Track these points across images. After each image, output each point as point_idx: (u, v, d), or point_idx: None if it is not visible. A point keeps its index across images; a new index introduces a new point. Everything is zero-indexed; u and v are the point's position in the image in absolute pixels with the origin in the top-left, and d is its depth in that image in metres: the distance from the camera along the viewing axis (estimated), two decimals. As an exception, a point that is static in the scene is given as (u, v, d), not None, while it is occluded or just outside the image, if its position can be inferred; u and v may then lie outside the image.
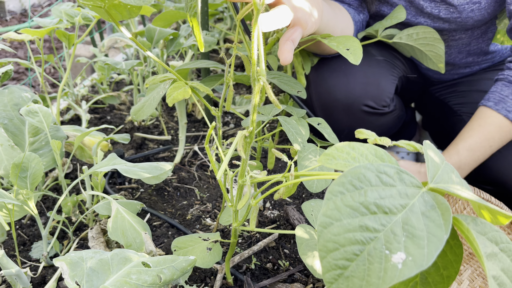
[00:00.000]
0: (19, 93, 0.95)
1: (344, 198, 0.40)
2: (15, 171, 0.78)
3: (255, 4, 0.49)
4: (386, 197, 0.40)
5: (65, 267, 0.58)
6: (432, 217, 0.40)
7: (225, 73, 0.74)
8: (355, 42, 0.81)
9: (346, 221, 0.39)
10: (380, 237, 0.38)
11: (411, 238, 0.38)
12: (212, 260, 0.76)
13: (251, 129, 0.61)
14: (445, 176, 0.46)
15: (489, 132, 0.97)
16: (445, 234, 0.38)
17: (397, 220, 0.39)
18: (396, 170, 0.43)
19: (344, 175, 0.41)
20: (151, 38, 1.21)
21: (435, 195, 0.42)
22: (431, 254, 0.36)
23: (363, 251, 0.38)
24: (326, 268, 0.38)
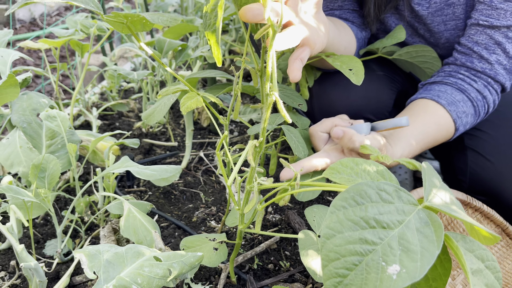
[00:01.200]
0: (37, 99, 1.01)
1: (347, 212, 0.44)
2: (34, 171, 0.83)
3: (272, 26, 0.55)
4: (385, 213, 0.44)
5: (84, 259, 0.63)
6: (426, 233, 0.43)
7: (234, 85, 0.79)
8: (358, 63, 0.86)
9: (347, 234, 0.43)
10: (378, 250, 0.42)
11: (406, 252, 0.41)
12: (218, 259, 0.81)
13: (261, 139, 0.66)
14: (440, 195, 0.51)
15: (440, 134, 0.97)
16: (437, 250, 0.41)
17: (394, 234, 0.43)
18: (394, 188, 0.46)
19: (347, 191, 0.45)
20: (161, 49, 1.27)
21: (430, 213, 0.45)
22: (424, 267, 0.40)
23: (362, 262, 0.42)
24: (327, 276, 0.42)
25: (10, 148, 0.91)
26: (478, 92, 0.98)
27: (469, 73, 1.00)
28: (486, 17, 0.95)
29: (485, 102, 0.99)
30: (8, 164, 0.89)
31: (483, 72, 0.98)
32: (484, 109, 1.00)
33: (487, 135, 1.10)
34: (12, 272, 0.91)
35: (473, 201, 1.02)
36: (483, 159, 1.10)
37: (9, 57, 1.07)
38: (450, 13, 1.04)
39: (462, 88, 0.98)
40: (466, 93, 0.98)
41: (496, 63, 0.97)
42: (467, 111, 0.98)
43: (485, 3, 0.95)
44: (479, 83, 0.98)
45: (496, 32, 0.95)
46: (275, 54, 0.56)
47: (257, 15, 0.61)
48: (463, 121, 0.98)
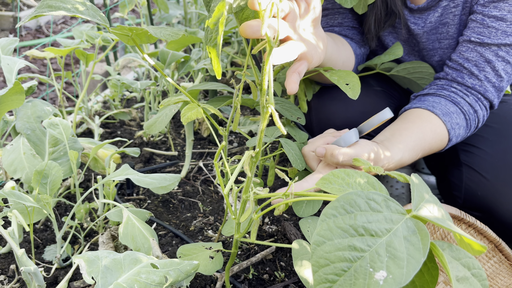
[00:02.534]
0: (41, 106, 1.03)
1: (336, 221, 0.46)
2: (37, 177, 0.85)
3: (269, 42, 0.57)
4: (374, 221, 0.46)
5: (83, 264, 0.65)
6: (413, 241, 0.45)
7: (234, 97, 0.81)
8: (355, 78, 0.89)
9: (337, 241, 0.45)
10: (366, 257, 0.43)
11: (393, 258, 0.43)
12: (213, 268, 0.83)
13: (257, 150, 0.68)
14: (428, 205, 0.52)
15: (436, 141, 0.98)
16: (422, 257, 0.43)
17: (381, 242, 0.44)
18: (383, 198, 0.49)
19: (337, 200, 0.47)
20: (164, 60, 1.30)
21: (417, 222, 0.47)
22: (409, 273, 0.42)
23: (351, 268, 0.43)
24: (317, 281, 0.44)
25: (14, 154, 0.93)
26: (470, 106, 1.00)
27: (461, 87, 1.02)
28: (478, 35, 0.98)
29: (476, 116, 1.02)
30: (11, 170, 0.91)
31: (473, 88, 1.00)
32: (475, 123, 1.03)
33: (482, 151, 1.12)
34: (11, 276, 0.92)
35: (467, 216, 1.03)
36: (478, 176, 1.11)
37: (15, 65, 1.10)
38: (444, 32, 1.07)
39: (455, 100, 1.00)
40: (459, 105, 1.00)
41: (486, 80, 0.99)
42: (460, 123, 1.00)
43: (477, 21, 0.98)
44: (471, 97, 1.01)
45: (486, 50, 0.97)
46: (272, 68, 0.58)
47: (256, 32, 0.64)
48: (456, 132, 1.00)
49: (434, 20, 1.06)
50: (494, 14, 0.95)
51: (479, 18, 0.97)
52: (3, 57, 1.10)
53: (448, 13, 1.04)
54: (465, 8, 1.02)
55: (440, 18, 1.05)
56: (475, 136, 1.12)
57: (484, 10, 0.96)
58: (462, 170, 1.14)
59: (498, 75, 0.98)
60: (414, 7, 1.06)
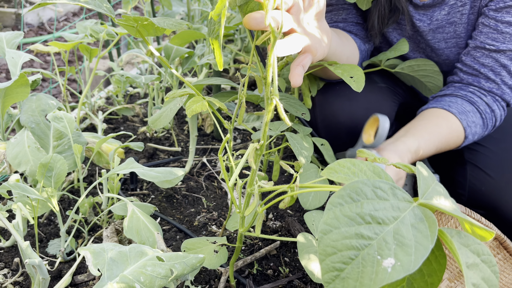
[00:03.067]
0: (46, 100, 1.03)
1: (343, 209, 0.46)
2: (41, 170, 0.85)
3: (273, 32, 0.57)
4: (380, 209, 0.46)
5: (89, 256, 0.65)
6: (420, 228, 0.44)
7: (239, 91, 0.81)
8: (359, 71, 0.88)
9: (344, 229, 0.44)
10: (373, 244, 0.43)
11: (401, 246, 0.43)
12: (218, 262, 0.82)
13: (262, 142, 0.68)
14: (435, 193, 0.52)
15: (452, 136, 1.00)
16: (430, 244, 0.43)
17: (389, 230, 0.44)
18: (390, 186, 0.48)
19: (344, 188, 0.47)
20: (168, 56, 1.30)
21: (424, 210, 0.47)
22: (417, 260, 0.41)
23: (358, 256, 0.43)
24: (325, 270, 0.43)
25: (18, 147, 0.93)
26: (487, 105, 1.02)
27: (478, 89, 1.04)
28: (492, 41, 0.98)
29: (493, 115, 1.03)
30: (16, 163, 0.91)
31: (490, 91, 1.02)
32: (492, 122, 1.04)
33: (487, 149, 1.12)
34: (14, 270, 0.92)
35: (472, 213, 1.03)
36: (482, 174, 1.11)
37: (19, 58, 1.09)
38: (451, 31, 1.06)
39: (472, 100, 1.02)
40: (475, 105, 1.02)
41: (502, 83, 1.01)
42: (476, 122, 1.01)
43: (490, 26, 0.98)
44: (488, 97, 1.02)
45: (501, 55, 0.99)
46: (276, 59, 0.58)
47: (259, 23, 0.64)
48: (472, 130, 1.01)
49: (440, 18, 1.06)
50: (507, 19, 0.96)
51: (492, 24, 0.98)
52: (8, 51, 1.09)
53: (456, 11, 1.04)
54: (474, 7, 1.02)
55: (447, 16, 1.05)
56: (479, 135, 1.12)
57: (497, 15, 0.97)
58: (467, 168, 1.14)
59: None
60: (419, 3, 1.06)
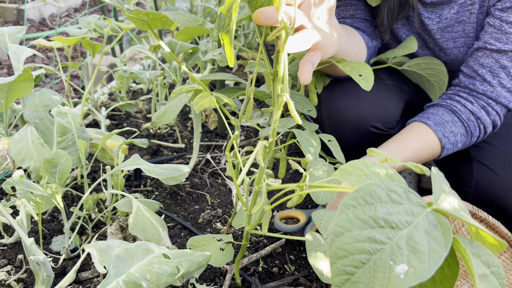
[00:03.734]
0: (49, 96, 1.02)
1: (356, 211, 0.44)
2: (46, 166, 0.84)
3: (285, 28, 0.56)
4: (394, 213, 0.45)
5: (94, 253, 0.64)
6: (434, 235, 0.44)
7: (247, 87, 0.80)
8: (368, 69, 0.87)
9: (356, 232, 0.43)
10: (386, 249, 0.42)
11: (414, 252, 0.42)
12: (224, 259, 0.81)
13: (271, 140, 0.67)
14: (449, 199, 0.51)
15: (424, 149, 1.02)
16: (444, 252, 0.42)
17: (402, 235, 0.43)
18: (404, 189, 0.47)
19: (357, 190, 0.46)
20: (172, 51, 1.28)
21: (438, 216, 0.46)
22: (431, 268, 0.40)
23: (370, 260, 0.42)
24: (335, 273, 0.42)
25: (22, 143, 0.92)
26: (471, 113, 1.02)
27: (468, 94, 1.03)
28: (495, 41, 0.97)
29: (480, 122, 1.03)
30: (19, 159, 0.90)
31: (484, 94, 1.01)
32: (477, 130, 1.04)
33: (493, 147, 1.11)
34: (18, 267, 0.91)
35: (479, 211, 1.02)
36: (489, 171, 1.11)
37: (22, 53, 1.08)
38: (460, 30, 1.05)
39: (454, 109, 1.03)
40: (457, 114, 1.02)
41: (499, 85, 0.99)
42: (456, 131, 1.02)
43: (495, 26, 0.97)
44: (475, 104, 1.02)
45: (503, 56, 0.98)
46: (287, 56, 0.57)
47: (270, 18, 0.63)
48: (451, 140, 1.02)
49: (449, 17, 1.04)
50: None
51: (497, 24, 0.96)
52: (11, 45, 1.08)
53: (465, 10, 1.02)
54: (482, 7, 1.01)
55: (457, 15, 1.04)
56: (486, 132, 1.12)
57: (502, 15, 0.95)
58: (473, 165, 1.13)
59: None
60: (428, 1, 1.05)
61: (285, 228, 1.00)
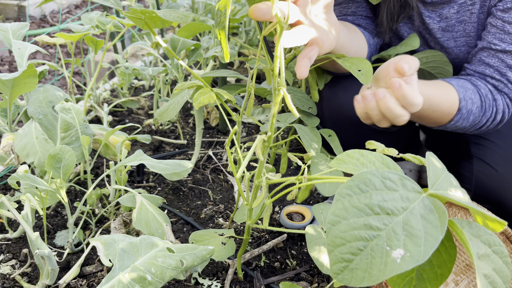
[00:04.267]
0: (53, 92, 1.03)
1: (351, 200, 0.45)
2: (50, 161, 0.85)
3: (280, 22, 0.57)
4: (389, 200, 0.45)
5: (100, 246, 0.65)
6: (430, 219, 0.44)
7: (247, 83, 0.81)
8: (367, 64, 0.88)
9: (352, 220, 0.44)
10: (382, 235, 0.43)
11: (410, 237, 0.43)
12: (226, 253, 0.82)
13: (269, 134, 0.68)
14: (445, 184, 0.52)
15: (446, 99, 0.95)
16: (440, 235, 0.42)
17: (398, 220, 0.44)
18: (399, 176, 0.48)
19: (352, 179, 0.46)
20: (174, 48, 1.29)
21: (434, 200, 0.46)
22: (427, 251, 0.41)
23: (367, 247, 0.43)
24: (333, 261, 0.43)
25: (26, 138, 0.93)
26: (490, 92, 1.00)
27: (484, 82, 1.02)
28: (499, 41, 0.98)
29: (495, 104, 1.00)
30: (24, 154, 0.91)
31: (497, 87, 1.01)
32: (491, 110, 1.00)
33: (494, 144, 1.12)
34: (22, 261, 0.92)
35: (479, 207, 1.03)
36: (489, 168, 1.11)
37: (26, 50, 1.09)
38: (461, 30, 1.06)
39: (475, 83, 1.00)
40: (477, 87, 0.99)
41: (509, 83, 1.00)
42: (474, 100, 0.98)
43: (497, 27, 0.97)
44: (492, 88, 1.00)
45: (508, 56, 0.98)
46: (283, 51, 0.58)
47: (265, 14, 0.64)
48: (468, 106, 0.97)
49: (450, 16, 1.05)
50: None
51: (500, 24, 0.97)
52: (14, 42, 1.09)
53: (465, 10, 1.03)
54: (483, 7, 1.01)
55: (457, 15, 1.04)
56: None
57: (504, 16, 0.96)
58: (473, 162, 1.14)
59: None
60: (428, 0, 1.05)
61: (291, 225, 1.01)
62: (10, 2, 3.49)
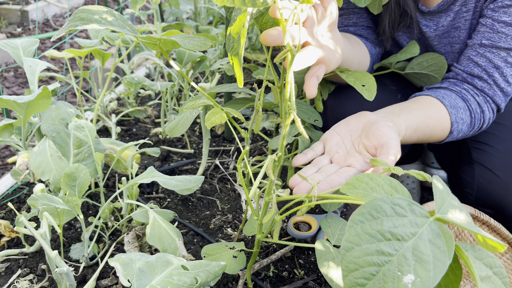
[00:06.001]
0: (65, 109, 1.06)
1: (364, 226, 0.48)
2: (66, 180, 0.88)
3: (291, 51, 0.60)
4: (399, 226, 0.48)
5: (119, 267, 0.68)
6: (438, 244, 0.47)
7: (256, 100, 0.84)
8: (371, 79, 0.91)
9: (365, 246, 0.46)
10: (394, 261, 0.45)
11: (420, 262, 0.45)
12: (237, 267, 0.86)
13: (280, 154, 0.71)
14: (450, 207, 0.55)
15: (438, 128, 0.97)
16: (448, 260, 0.45)
17: (408, 246, 0.46)
18: (407, 202, 0.50)
19: (364, 206, 0.49)
20: (180, 60, 1.32)
21: (441, 225, 0.49)
22: (436, 276, 0.43)
23: (379, 272, 0.45)
24: (348, 285, 0.46)
25: (41, 156, 0.96)
26: (478, 105, 1.02)
27: (471, 87, 1.04)
28: (487, 40, 0.99)
29: (483, 116, 1.03)
30: (39, 172, 0.94)
31: (482, 90, 1.03)
32: (479, 123, 1.04)
33: (495, 149, 1.14)
34: (40, 275, 0.96)
35: (481, 214, 1.06)
36: (490, 173, 1.13)
37: (37, 67, 1.12)
38: (456, 36, 1.08)
39: (465, 98, 1.02)
40: (467, 102, 1.02)
41: (494, 84, 1.01)
42: (464, 120, 1.01)
43: (487, 25, 0.99)
44: (480, 97, 1.03)
45: (495, 56, 0.99)
46: (293, 76, 0.61)
47: (276, 40, 0.66)
48: (459, 127, 1.01)
49: (446, 24, 1.07)
50: (503, 19, 0.96)
51: (489, 23, 0.98)
52: (25, 59, 1.12)
53: (460, 17, 1.05)
54: (476, 12, 1.03)
55: (453, 22, 1.06)
56: (487, 134, 1.14)
57: (494, 15, 0.98)
58: (474, 167, 1.16)
59: (506, 80, 1.00)
60: (425, 10, 1.08)
61: (298, 235, 1.04)
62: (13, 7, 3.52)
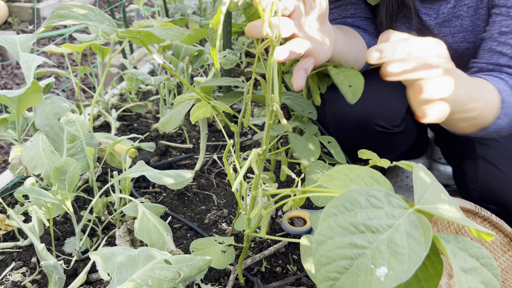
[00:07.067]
0: (59, 103, 1.06)
1: (337, 219, 0.46)
2: (56, 174, 0.88)
3: (271, 41, 0.58)
4: (374, 218, 0.46)
5: (99, 260, 0.67)
6: (415, 236, 0.45)
7: (245, 94, 0.82)
8: (360, 81, 0.88)
9: (338, 239, 0.45)
10: (367, 253, 0.44)
11: (394, 254, 0.43)
12: (225, 261, 0.85)
13: (264, 147, 0.69)
14: (432, 197, 0.52)
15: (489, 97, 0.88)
16: (424, 252, 0.43)
17: (383, 238, 0.44)
18: (384, 193, 0.49)
19: (338, 198, 0.48)
20: (178, 54, 1.31)
21: (420, 216, 0.47)
22: (410, 269, 0.42)
23: (352, 265, 0.43)
24: (320, 280, 0.44)
25: (33, 150, 0.96)
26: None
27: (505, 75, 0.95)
28: (506, 28, 0.95)
29: None
30: (31, 166, 0.94)
31: None
32: None
33: (499, 144, 1.10)
34: (33, 268, 0.96)
35: (482, 210, 1.03)
36: (494, 169, 1.10)
37: (33, 62, 1.12)
38: (458, 25, 1.04)
39: (499, 76, 0.93)
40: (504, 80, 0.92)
41: None
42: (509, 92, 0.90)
43: (502, 14, 0.95)
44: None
45: None
46: (276, 66, 0.59)
47: (260, 32, 0.65)
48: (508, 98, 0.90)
49: (446, 12, 1.04)
50: None
51: (504, 11, 0.94)
52: (22, 54, 1.12)
53: (462, 5, 1.02)
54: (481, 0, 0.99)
55: (453, 10, 1.03)
56: (491, 128, 1.11)
57: (507, 2, 0.94)
58: (478, 163, 1.13)
59: None
60: None
61: (292, 230, 1.02)
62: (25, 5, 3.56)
